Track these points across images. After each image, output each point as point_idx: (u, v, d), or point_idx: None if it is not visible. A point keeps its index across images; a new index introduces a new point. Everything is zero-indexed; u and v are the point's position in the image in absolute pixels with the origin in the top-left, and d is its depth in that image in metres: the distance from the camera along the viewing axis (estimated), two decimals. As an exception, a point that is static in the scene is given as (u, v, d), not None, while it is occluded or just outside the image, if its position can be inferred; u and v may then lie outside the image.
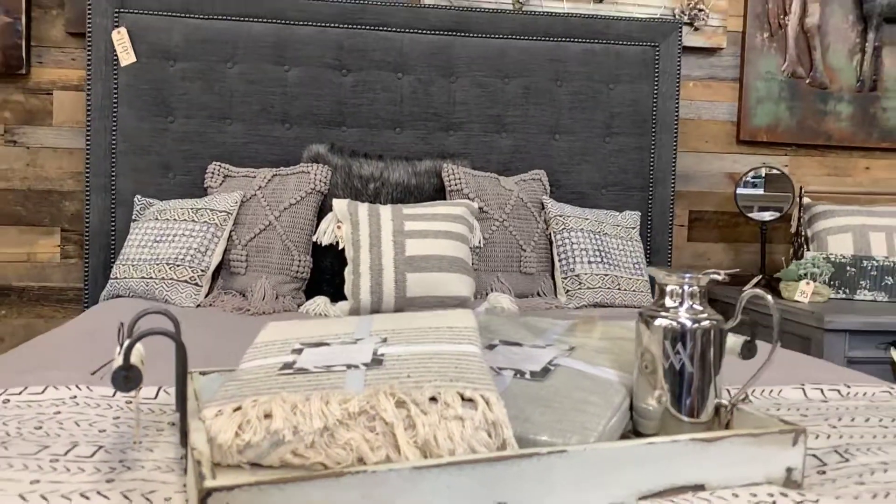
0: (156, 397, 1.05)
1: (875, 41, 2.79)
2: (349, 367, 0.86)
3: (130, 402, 1.02)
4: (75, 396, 1.02)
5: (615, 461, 0.74)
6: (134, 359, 0.74)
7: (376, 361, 0.87)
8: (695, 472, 0.78)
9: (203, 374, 1.01)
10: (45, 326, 2.48)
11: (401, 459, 0.72)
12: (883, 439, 0.95)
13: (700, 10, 2.67)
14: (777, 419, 0.85)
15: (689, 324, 0.84)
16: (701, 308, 0.86)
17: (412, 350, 0.90)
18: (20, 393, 1.03)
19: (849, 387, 1.20)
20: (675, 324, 0.84)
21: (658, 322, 0.85)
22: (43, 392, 1.03)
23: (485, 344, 1.03)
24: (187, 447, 0.73)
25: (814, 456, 0.90)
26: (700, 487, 0.78)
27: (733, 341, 0.96)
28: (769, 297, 0.87)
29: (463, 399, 0.77)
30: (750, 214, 2.61)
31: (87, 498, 0.70)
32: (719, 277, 0.86)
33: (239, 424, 0.74)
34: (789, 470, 0.82)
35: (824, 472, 0.86)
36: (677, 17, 2.65)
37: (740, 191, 2.61)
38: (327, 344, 0.95)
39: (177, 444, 0.86)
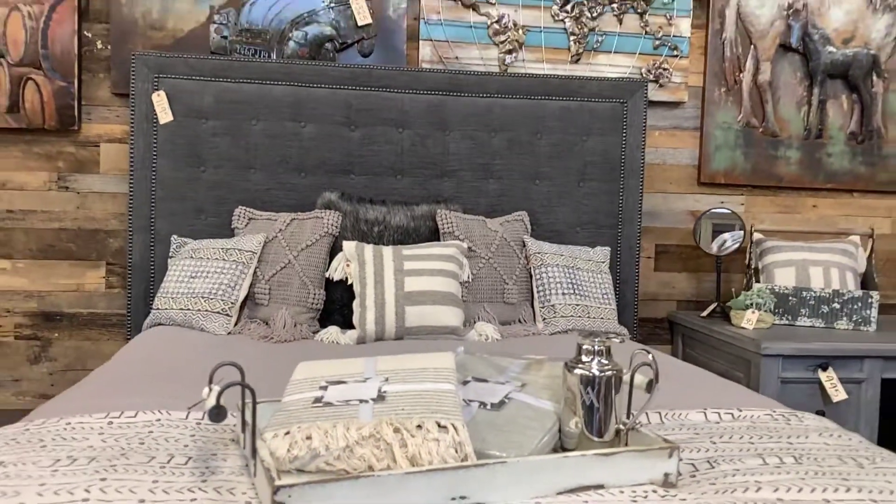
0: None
1: (820, 95, 3.16)
2: (361, 401, 1.23)
3: (199, 423, 1.39)
4: (160, 419, 1.40)
5: (539, 468, 1.11)
6: (216, 398, 1.11)
7: (381, 397, 1.24)
8: (597, 476, 1.15)
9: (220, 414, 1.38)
10: (92, 347, 2.85)
11: (397, 467, 1.08)
12: (746, 453, 1.32)
13: (664, 69, 3.04)
14: (661, 438, 1.22)
15: (596, 373, 1.21)
16: (606, 362, 1.22)
17: (406, 388, 1.26)
18: (119, 416, 1.40)
19: (741, 410, 1.57)
20: (587, 373, 1.21)
21: (576, 371, 1.22)
22: (136, 416, 1.40)
23: (461, 380, 1.40)
24: (256, 458, 1.10)
25: (691, 464, 1.27)
26: (600, 486, 1.15)
27: (641, 379, 1.32)
28: (651, 354, 1.23)
29: (439, 426, 1.14)
30: (712, 250, 2.98)
31: (193, 492, 1.07)
32: (617, 341, 1.23)
33: (289, 443, 1.11)
34: (666, 474, 1.19)
35: (695, 476, 1.23)
36: (644, 75, 3.02)
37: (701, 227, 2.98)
38: (345, 382, 1.32)
39: (241, 455, 1.23)
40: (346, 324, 2.50)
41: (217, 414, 1.07)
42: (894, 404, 2.78)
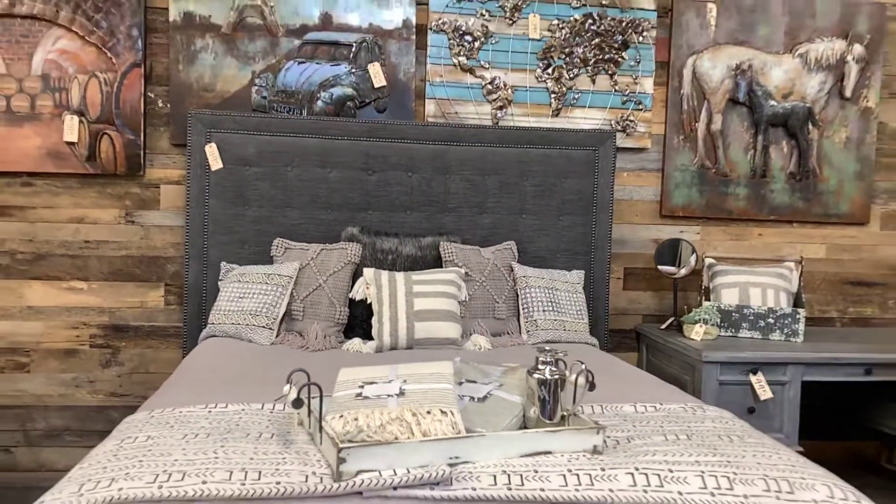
0: (284, 408, 2.00)
1: (763, 141, 3.73)
2: (388, 396, 1.80)
3: (272, 412, 1.96)
4: (244, 409, 1.97)
5: (508, 439, 1.68)
6: (294, 391, 1.68)
7: (402, 393, 1.81)
8: (547, 445, 1.72)
9: (301, 403, 1.96)
10: (153, 354, 3.43)
11: (414, 438, 1.66)
12: (655, 433, 1.89)
13: (631, 121, 3.61)
14: (593, 422, 1.79)
15: (547, 377, 1.78)
16: (555, 369, 1.80)
17: (419, 387, 1.84)
18: (215, 407, 1.98)
19: (662, 404, 2.14)
20: (541, 377, 1.79)
21: (535, 376, 1.79)
22: (227, 407, 1.98)
23: (457, 381, 1.98)
24: (322, 432, 1.67)
25: (615, 440, 1.84)
26: (549, 452, 1.72)
27: (582, 380, 1.89)
28: (584, 364, 1.81)
29: (442, 412, 1.71)
30: (668, 273, 3.56)
31: (283, 454, 1.64)
32: (561, 355, 1.80)
33: (343, 423, 1.69)
34: (595, 446, 1.76)
35: (616, 448, 1.80)
36: (613, 126, 3.60)
37: (662, 266, 3.55)
38: (376, 383, 1.90)
39: (306, 433, 1.80)
40: (367, 336, 3.07)
41: (298, 403, 1.65)
42: (813, 402, 3.35)
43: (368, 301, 3.06)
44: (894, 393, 3.51)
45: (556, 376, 1.79)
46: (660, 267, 3.56)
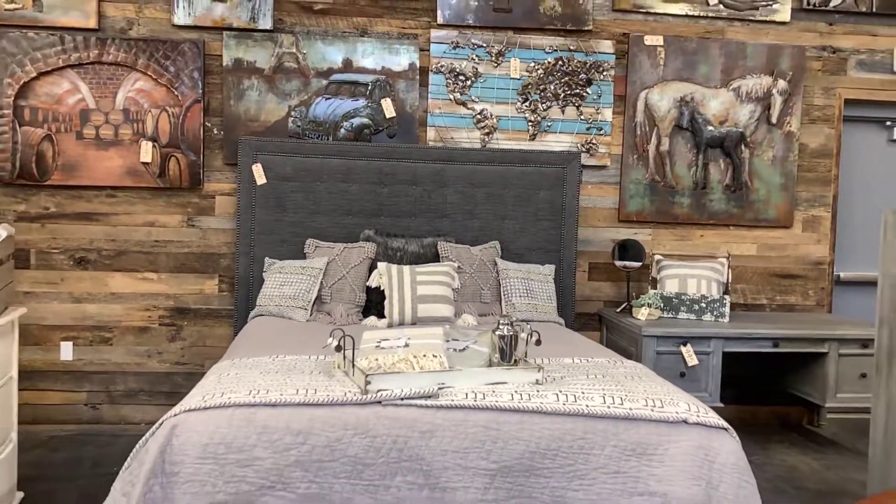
0: (325, 358, 2.85)
1: (704, 159, 4.57)
2: (398, 347, 2.65)
3: (318, 359, 2.81)
4: (297, 358, 2.83)
5: (477, 373, 2.53)
6: (335, 341, 2.53)
7: (406, 345, 2.66)
8: (503, 378, 2.56)
9: (340, 348, 2.81)
10: (209, 331, 4.30)
11: (415, 371, 2.51)
12: (580, 374, 2.73)
13: (594, 143, 4.46)
14: (537, 365, 2.63)
15: (505, 333, 2.63)
16: (511, 328, 2.64)
17: (418, 342, 2.69)
18: (276, 357, 2.83)
19: (593, 358, 2.98)
20: (501, 333, 2.64)
21: (496, 333, 2.65)
22: (284, 357, 2.84)
23: (445, 339, 2.83)
24: (354, 367, 2.52)
25: (553, 378, 2.69)
26: (505, 382, 2.57)
27: (535, 339, 2.72)
28: (531, 326, 2.66)
29: (434, 356, 2.56)
30: (621, 266, 4.39)
31: (329, 381, 2.49)
32: (514, 320, 2.65)
33: (368, 362, 2.54)
34: (537, 380, 2.60)
35: (551, 382, 2.64)
36: (579, 148, 4.45)
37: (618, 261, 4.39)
38: (388, 339, 2.75)
39: (342, 371, 2.65)
40: (380, 315, 3.91)
41: (338, 349, 2.51)
42: (730, 369, 4.18)
43: (381, 288, 3.91)
44: (813, 364, 4.32)
45: (511, 333, 2.65)
46: (617, 262, 4.40)
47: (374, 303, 3.98)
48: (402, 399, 2.36)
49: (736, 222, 4.63)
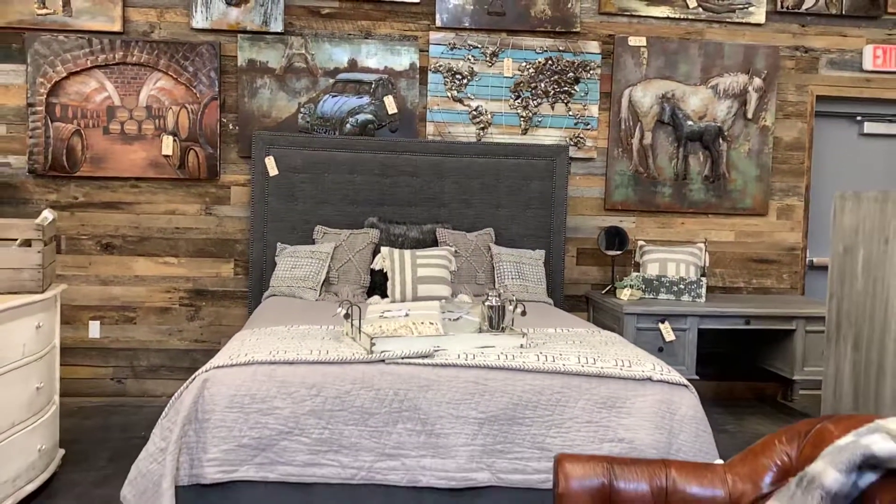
0: (334, 328, 3.20)
1: (684, 152, 4.91)
2: (399, 316, 3.00)
3: (329, 328, 3.16)
4: (310, 327, 3.17)
5: (469, 339, 2.88)
6: (343, 310, 2.88)
7: (407, 315, 3.01)
8: (491, 342, 2.91)
9: (349, 315, 3.16)
10: (225, 311, 4.65)
11: (414, 336, 2.85)
12: (560, 340, 3.07)
13: (581, 138, 4.80)
14: (521, 331, 2.98)
15: (494, 304, 2.98)
16: (499, 301, 2.99)
17: (418, 312, 3.04)
18: (291, 327, 3.19)
19: (573, 328, 3.33)
20: (490, 304, 2.98)
21: (486, 303, 2.99)
22: (299, 326, 3.19)
23: (441, 311, 3.18)
24: (361, 333, 2.87)
25: (535, 343, 3.03)
26: (493, 346, 2.91)
27: (521, 310, 3.07)
28: (516, 299, 3.00)
29: (430, 324, 2.91)
30: (606, 251, 4.74)
31: (338, 344, 2.84)
32: (502, 292, 2.99)
33: (372, 327, 2.89)
34: (521, 344, 2.95)
35: (534, 347, 2.99)
36: (568, 142, 4.79)
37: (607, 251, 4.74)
38: (391, 310, 3.10)
39: (350, 337, 3.00)
40: (383, 295, 4.26)
41: (347, 316, 2.86)
42: (708, 347, 4.52)
43: (384, 270, 4.26)
44: (783, 340, 4.66)
45: (499, 304, 3.00)
46: (604, 250, 4.74)
47: (377, 284, 4.32)
48: (402, 358, 2.71)
49: (714, 211, 4.97)
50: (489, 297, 3.03)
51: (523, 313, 3.04)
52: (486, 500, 2.64)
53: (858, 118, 5.18)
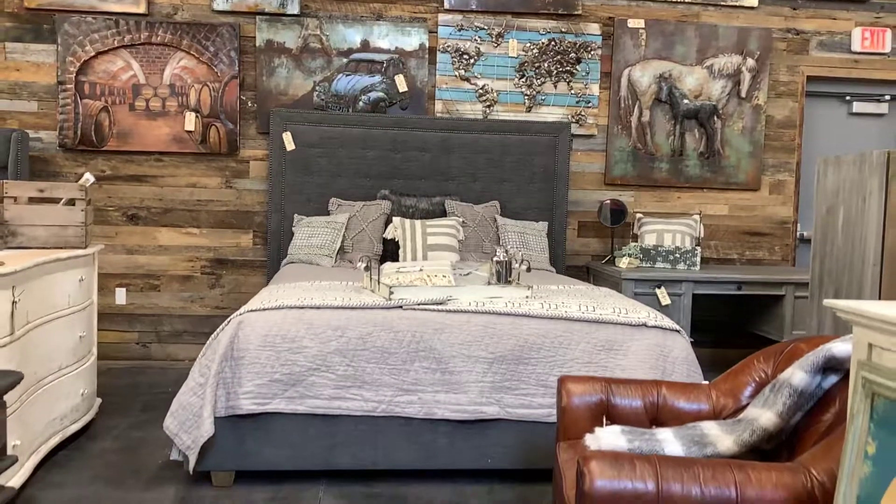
0: (354, 284, 3.45)
1: (680, 129, 5.15)
2: (414, 270, 3.25)
3: (349, 284, 3.42)
4: (332, 283, 3.43)
5: (479, 290, 3.13)
6: (363, 263, 3.13)
7: (421, 270, 3.26)
8: (499, 293, 3.17)
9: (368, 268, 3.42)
10: (244, 279, 4.91)
11: (428, 286, 3.10)
12: (562, 293, 3.33)
13: (582, 115, 5.04)
14: (526, 285, 3.23)
15: (501, 258, 3.23)
16: (507, 255, 3.24)
17: (431, 268, 3.29)
18: (314, 283, 3.44)
19: (574, 286, 3.58)
20: (498, 259, 3.23)
21: (494, 259, 3.25)
22: (321, 282, 3.44)
23: (453, 268, 3.43)
24: (380, 283, 3.12)
25: (540, 296, 3.28)
26: (500, 297, 3.17)
27: (526, 266, 3.32)
28: (525, 260, 3.25)
29: (443, 276, 3.16)
30: (605, 224, 4.99)
31: (360, 294, 3.09)
32: (509, 248, 3.24)
33: (390, 279, 3.14)
34: (526, 296, 3.20)
35: (538, 298, 3.24)
36: (570, 119, 5.03)
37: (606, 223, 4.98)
38: (406, 267, 3.35)
39: (368, 289, 3.25)
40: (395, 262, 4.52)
41: (367, 269, 3.11)
42: (703, 313, 4.76)
43: (396, 239, 4.51)
44: (773, 306, 4.90)
45: (506, 259, 3.25)
46: (603, 220, 4.99)
47: (389, 252, 4.57)
48: (418, 304, 2.96)
49: (709, 185, 5.22)
50: (497, 253, 3.28)
51: (529, 269, 3.29)
52: (495, 431, 2.90)
53: (847, 98, 5.42)
